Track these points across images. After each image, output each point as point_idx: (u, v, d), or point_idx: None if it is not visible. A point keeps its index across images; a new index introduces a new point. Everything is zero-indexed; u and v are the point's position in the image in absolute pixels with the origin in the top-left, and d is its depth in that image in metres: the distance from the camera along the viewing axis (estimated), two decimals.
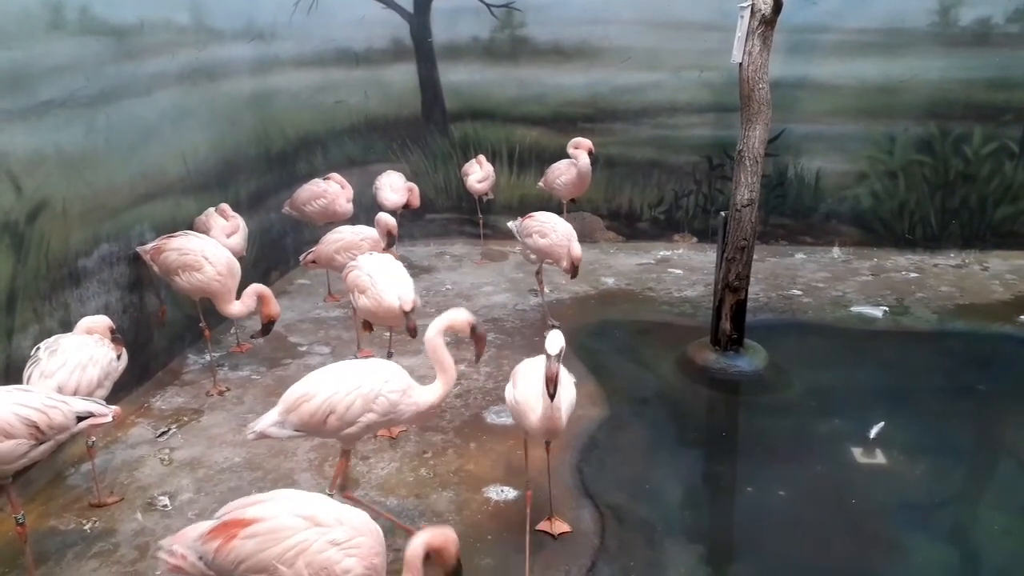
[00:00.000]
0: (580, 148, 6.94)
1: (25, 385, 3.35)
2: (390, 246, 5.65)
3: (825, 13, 7.34)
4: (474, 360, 4.20)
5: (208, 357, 5.28)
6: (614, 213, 8.23)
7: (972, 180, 7.60)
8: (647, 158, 7.98)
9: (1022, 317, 6.16)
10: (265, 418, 3.31)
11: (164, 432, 4.53)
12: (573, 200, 7.40)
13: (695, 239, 8.16)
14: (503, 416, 4.60)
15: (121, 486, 3.99)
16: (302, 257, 5.86)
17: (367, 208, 6.99)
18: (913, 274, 7.28)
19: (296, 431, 3.27)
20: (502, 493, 3.90)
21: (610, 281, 7.18)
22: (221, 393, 4.98)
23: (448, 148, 8.20)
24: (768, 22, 4.75)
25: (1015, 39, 7.25)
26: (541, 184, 7.49)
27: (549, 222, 5.74)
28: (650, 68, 7.70)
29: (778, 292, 6.82)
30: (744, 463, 4.50)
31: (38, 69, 4.09)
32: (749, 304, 5.33)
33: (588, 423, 4.51)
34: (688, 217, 8.14)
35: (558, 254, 5.63)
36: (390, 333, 5.00)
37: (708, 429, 4.98)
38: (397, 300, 4.27)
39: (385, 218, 5.75)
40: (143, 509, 3.80)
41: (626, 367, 5.44)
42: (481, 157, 7.66)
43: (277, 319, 4.83)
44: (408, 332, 4.30)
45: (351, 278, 4.68)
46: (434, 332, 3.24)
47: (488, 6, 7.77)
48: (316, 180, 6.60)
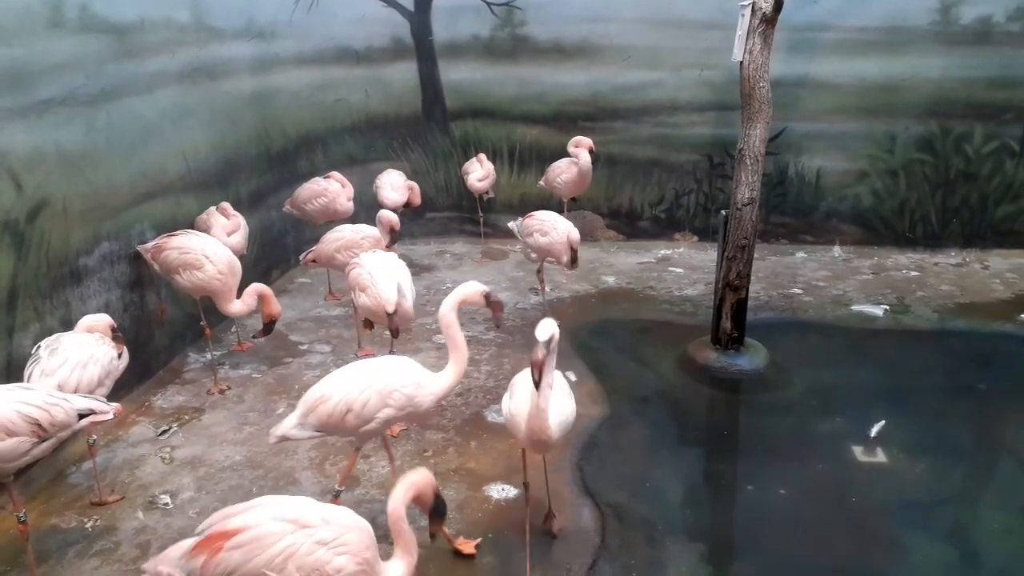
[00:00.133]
0: (581, 147, 6.94)
1: (26, 383, 3.35)
2: (393, 243, 5.65)
3: (826, 11, 7.33)
4: (494, 327, 4.16)
5: (209, 356, 5.28)
6: (615, 212, 8.23)
7: (973, 179, 7.59)
8: (648, 157, 7.98)
9: (1022, 316, 6.16)
10: (286, 422, 3.35)
11: (165, 430, 4.53)
12: (574, 199, 7.41)
13: (696, 238, 8.16)
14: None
15: (122, 484, 4.00)
16: (302, 256, 5.86)
17: (368, 207, 6.99)
18: (914, 273, 7.28)
19: (316, 431, 3.31)
20: (503, 491, 3.90)
21: (611, 280, 7.18)
22: (222, 392, 4.99)
23: (448, 146, 8.20)
24: (769, 20, 4.75)
25: (1016, 37, 7.25)
26: (542, 183, 7.50)
27: (549, 220, 5.75)
28: (651, 67, 7.70)
29: (779, 291, 6.82)
30: (745, 462, 4.50)
31: (38, 67, 4.09)
32: (750, 303, 5.33)
33: (588, 421, 4.51)
34: (689, 216, 8.14)
35: (559, 252, 5.65)
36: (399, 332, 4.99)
37: (709, 428, 4.98)
38: (403, 299, 4.31)
39: (388, 215, 5.76)
40: (144, 507, 3.80)
41: (626, 366, 5.44)
42: (482, 156, 7.66)
43: (278, 318, 4.83)
44: (391, 332, 4.33)
45: (352, 276, 4.70)
46: (447, 308, 3.28)
47: (489, 4, 7.76)
48: (317, 179, 6.60)
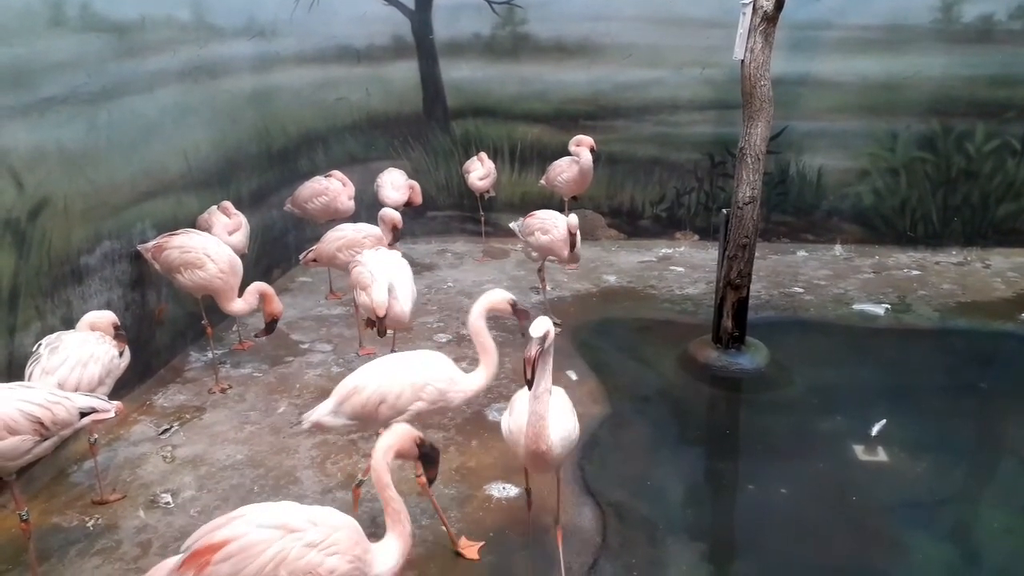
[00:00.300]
0: (582, 145, 6.94)
1: (27, 382, 3.36)
2: (395, 241, 5.65)
3: (827, 10, 7.32)
4: (520, 334, 4.18)
5: (210, 355, 5.28)
6: (616, 211, 8.23)
7: (974, 177, 7.59)
8: (649, 155, 7.97)
9: (1023, 315, 6.17)
10: (320, 408, 3.40)
11: (166, 429, 4.53)
12: (575, 198, 7.40)
13: (697, 237, 8.15)
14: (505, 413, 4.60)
15: (123, 483, 4.00)
16: (302, 256, 5.86)
17: (368, 206, 6.99)
18: (915, 272, 7.27)
19: (349, 420, 3.36)
20: (504, 490, 3.90)
21: (612, 279, 7.18)
22: (223, 391, 4.99)
23: (449, 145, 8.20)
24: (770, 19, 4.74)
25: (1018, 36, 7.24)
26: (543, 182, 7.49)
27: (550, 219, 5.76)
28: (652, 65, 7.69)
29: (780, 290, 6.82)
30: (746, 461, 4.50)
31: (40, 65, 4.09)
32: (751, 302, 5.33)
33: (590, 421, 4.51)
34: (690, 215, 8.13)
35: (560, 250, 5.66)
36: (392, 332, 4.99)
37: (710, 427, 4.98)
38: (395, 301, 4.30)
39: (390, 213, 5.76)
40: (146, 506, 3.80)
41: (627, 365, 5.44)
42: (482, 154, 7.66)
43: (280, 317, 4.84)
44: (377, 332, 4.39)
45: (354, 274, 4.71)
46: (476, 316, 3.33)
47: (490, 3, 7.76)
48: (317, 177, 6.60)
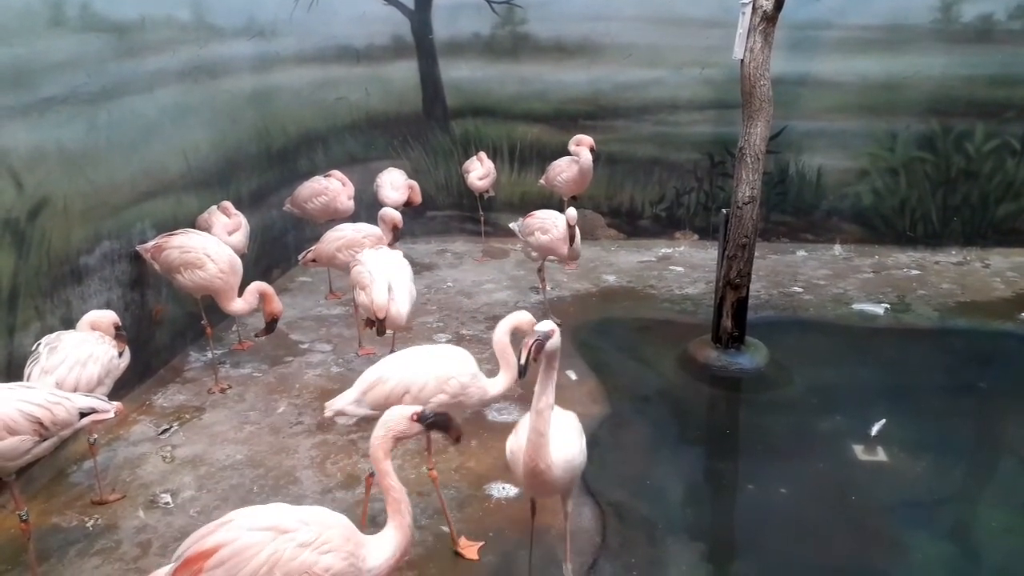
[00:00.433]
0: (582, 145, 6.95)
1: (26, 382, 3.35)
2: (395, 240, 5.65)
3: (827, 9, 7.32)
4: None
5: (210, 355, 5.28)
6: (615, 210, 8.23)
7: (974, 177, 7.59)
8: (648, 155, 7.97)
9: (1023, 314, 6.16)
10: (343, 397, 3.45)
11: (166, 429, 4.53)
12: (574, 197, 7.40)
13: (696, 236, 8.15)
14: (504, 414, 4.60)
15: (123, 483, 4.00)
16: (301, 256, 5.85)
17: (368, 205, 6.99)
18: (914, 271, 7.27)
19: (372, 410, 3.39)
20: (503, 490, 3.90)
21: (611, 279, 7.18)
22: (223, 391, 4.99)
23: (449, 145, 8.20)
24: (769, 18, 4.75)
25: (1017, 36, 7.24)
26: (542, 181, 7.49)
27: (550, 219, 5.78)
28: (652, 65, 7.69)
29: (779, 289, 6.82)
30: (745, 461, 4.50)
31: (40, 66, 4.09)
32: (750, 301, 5.33)
33: (589, 421, 4.49)
34: (689, 214, 8.13)
35: (559, 249, 5.67)
36: (392, 332, 4.99)
37: (709, 427, 4.99)
38: (392, 302, 4.31)
39: (390, 213, 5.76)
40: (145, 506, 3.80)
41: (627, 364, 5.45)
42: (482, 154, 7.66)
43: (280, 317, 4.84)
44: (376, 332, 4.42)
45: (354, 273, 4.72)
46: (501, 333, 3.45)
47: (489, 2, 7.76)
48: (317, 177, 6.60)
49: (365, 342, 5.56)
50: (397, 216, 5.73)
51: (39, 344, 3.58)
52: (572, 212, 5.57)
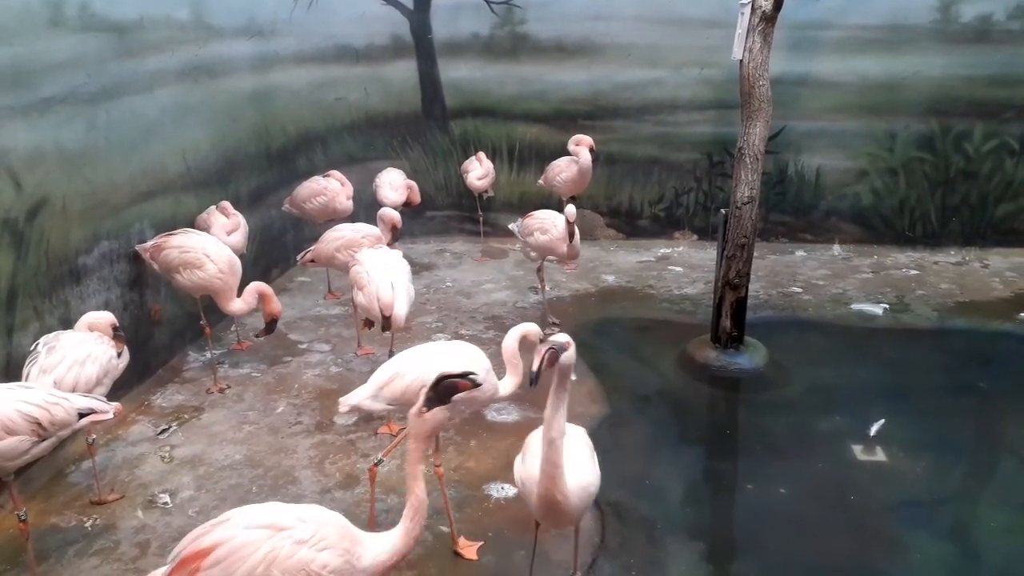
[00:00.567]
0: (581, 145, 6.95)
1: (24, 382, 3.35)
2: (395, 240, 5.65)
3: (827, 9, 7.32)
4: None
5: (209, 354, 5.27)
6: (614, 210, 8.23)
7: (973, 177, 7.59)
8: (648, 155, 7.97)
9: (1022, 315, 6.16)
10: (358, 392, 3.47)
11: (165, 429, 4.53)
12: (573, 197, 7.39)
13: (695, 236, 8.15)
14: (503, 414, 4.60)
15: (122, 483, 3.99)
16: (300, 256, 5.85)
17: (367, 205, 6.99)
18: (913, 271, 7.28)
19: (388, 405, 3.43)
20: (503, 490, 3.90)
21: (610, 279, 7.18)
22: (222, 391, 4.98)
23: (448, 145, 8.20)
24: (769, 19, 4.75)
25: (1016, 36, 7.24)
26: (541, 181, 7.49)
27: (549, 219, 5.78)
28: (651, 65, 7.69)
29: (778, 289, 6.82)
30: (744, 461, 4.50)
31: (39, 65, 4.08)
32: (749, 301, 5.33)
33: (589, 421, 4.50)
34: (688, 214, 8.13)
35: (558, 249, 5.67)
36: (391, 331, 5.00)
37: (708, 427, 4.99)
38: (391, 300, 4.32)
39: (389, 213, 5.76)
40: (144, 506, 3.80)
41: (626, 364, 5.45)
42: (481, 154, 7.65)
43: (279, 317, 4.84)
44: (380, 328, 4.43)
45: (353, 273, 4.71)
46: (511, 340, 3.45)
47: (488, 3, 7.75)
48: (316, 177, 6.60)
49: (364, 342, 5.56)
50: (396, 216, 5.73)
51: (37, 344, 3.58)
52: (571, 209, 5.57)
